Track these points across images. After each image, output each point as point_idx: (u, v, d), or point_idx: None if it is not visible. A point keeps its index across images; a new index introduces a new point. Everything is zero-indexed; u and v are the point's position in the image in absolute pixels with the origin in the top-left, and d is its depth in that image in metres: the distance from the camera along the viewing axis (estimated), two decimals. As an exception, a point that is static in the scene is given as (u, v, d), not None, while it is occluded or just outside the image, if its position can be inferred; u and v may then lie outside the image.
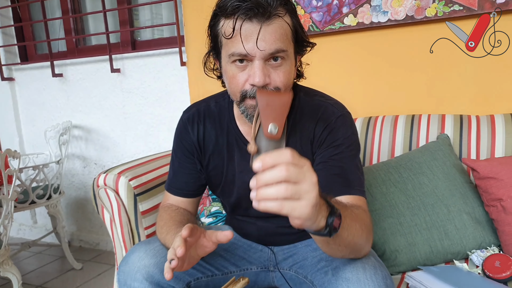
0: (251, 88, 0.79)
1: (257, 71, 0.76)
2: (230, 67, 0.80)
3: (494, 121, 1.29)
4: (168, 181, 1.03)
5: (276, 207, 0.50)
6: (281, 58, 0.78)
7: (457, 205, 1.14)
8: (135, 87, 2.11)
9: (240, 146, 0.94)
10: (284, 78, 0.79)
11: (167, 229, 0.90)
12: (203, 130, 0.97)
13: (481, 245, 1.11)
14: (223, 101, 0.98)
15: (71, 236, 2.50)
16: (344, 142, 0.86)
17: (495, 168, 1.08)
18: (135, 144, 2.18)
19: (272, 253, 1.01)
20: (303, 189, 0.50)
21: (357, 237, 0.69)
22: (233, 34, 0.75)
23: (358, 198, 0.82)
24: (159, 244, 0.91)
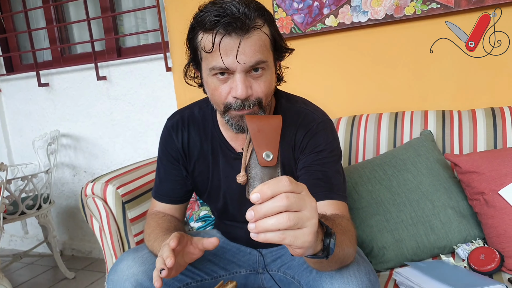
0: (235, 101, 0.79)
1: (239, 84, 0.76)
2: (211, 79, 0.80)
3: (475, 116, 1.31)
4: (154, 188, 1.03)
5: (278, 238, 0.48)
6: (262, 69, 0.78)
7: (442, 200, 1.16)
8: (122, 93, 2.10)
9: (224, 152, 0.95)
10: (265, 88, 0.80)
11: (154, 237, 0.90)
12: (188, 136, 0.97)
13: (467, 238, 1.13)
14: (206, 108, 0.98)
15: (63, 245, 2.48)
16: (326, 147, 0.87)
17: (476, 162, 1.10)
18: (124, 150, 2.18)
19: (261, 256, 1.02)
20: (305, 216, 0.49)
21: (346, 250, 0.69)
22: (213, 49, 0.75)
23: (340, 204, 0.83)
24: (147, 251, 0.91)
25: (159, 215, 0.99)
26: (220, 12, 0.73)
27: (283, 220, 0.47)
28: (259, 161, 0.54)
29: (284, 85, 0.95)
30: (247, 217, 0.48)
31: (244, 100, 0.78)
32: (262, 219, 0.48)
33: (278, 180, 0.48)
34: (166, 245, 0.74)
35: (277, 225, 0.47)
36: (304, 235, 0.49)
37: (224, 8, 0.74)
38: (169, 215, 1.00)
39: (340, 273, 0.74)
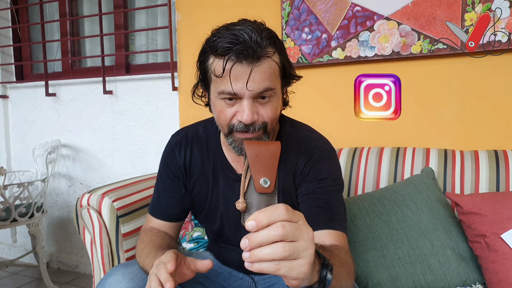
0: (239, 123, 0.79)
1: (246, 110, 0.77)
2: (218, 102, 0.80)
3: (478, 157, 1.31)
4: (151, 204, 1.02)
5: (272, 269, 0.47)
6: (269, 96, 0.79)
7: (441, 240, 1.13)
8: (126, 109, 2.12)
9: (225, 173, 0.94)
10: (271, 114, 0.80)
11: (146, 252, 0.88)
12: (190, 154, 0.97)
13: (466, 282, 1.10)
14: (211, 128, 0.98)
15: (50, 257, 2.43)
16: (328, 175, 0.86)
17: (478, 204, 1.08)
18: (122, 165, 2.17)
19: (253, 282, 1.00)
20: (301, 246, 0.47)
21: (343, 283, 0.67)
22: (223, 74, 0.76)
23: (340, 234, 0.82)
24: (138, 267, 0.89)
25: (153, 231, 0.97)
26: (233, 39, 0.74)
27: (278, 250, 0.46)
28: (255, 187, 0.53)
29: (288, 111, 0.95)
30: (241, 246, 0.47)
31: (249, 124, 0.78)
32: (257, 248, 0.46)
33: (274, 208, 0.47)
34: (162, 266, 0.72)
35: (272, 255, 0.46)
36: (299, 266, 0.48)
37: (236, 35, 0.74)
38: (163, 232, 0.98)
39: None
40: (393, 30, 1.44)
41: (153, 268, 0.73)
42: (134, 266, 0.89)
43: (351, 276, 0.72)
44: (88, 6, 2.27)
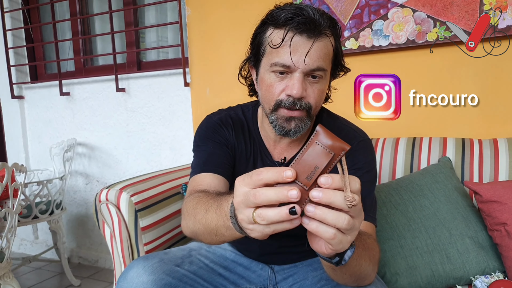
0: (287, 98, 0.80)
1: (296, 83, 0.78)
2: (269, 75, 0.81)
3: (497, 145, 1.29)
4: (199, 165, 0.90)
5: (328, 235, 0.47)
6: (319, 77, 0.80)
7: (459, 229, 1.12)
8: (139, 106, 2.13)
9: (263, 158, 0.94)
10: (317, 96, 0.81)
11: (205, 206, 0.69)
12: (234, 135, 0.95)
13: (485, 270, 1.09)
14: (247, 112, 0.98)
15: (70, 253, 2.48)
16: (364, 166, 0.86)
17: (498, 192, 1.07)
18: (137, 162, 2.19)
19: (273, 272, 1.00)
20: (356, 226, 0.48)
21: (364, 267, 0.67)
22: (281, 44, 0.77)
23: (369, 225, 0.82)
24: (158, 260, 0.89)
25: (204, 193, 0.78)
26: (296, 11, 0.76)
27: (343, 220, 0.46)
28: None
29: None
30: (313, 195, 0.45)
31: (297, 99, 0.79)
32: (321, 208, 0.46)
33: (353, 178, 0.48)
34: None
35: (335, 221, 0.46)
36: (346, 242, 0.49)
37: (300, 8, 0.77)
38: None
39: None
40: (408, 18, 1.42)
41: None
42: (154, 259, 0.89)
43: (373, 262, 0.71)
44: (98, 4, 2.29)
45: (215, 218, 0.62)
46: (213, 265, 0.97)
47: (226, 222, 0.58)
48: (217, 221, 0.61)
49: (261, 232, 0.49)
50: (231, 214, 0.55)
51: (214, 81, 1.87)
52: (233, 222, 0.55)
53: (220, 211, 0.61)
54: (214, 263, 0.98)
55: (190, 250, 0.98)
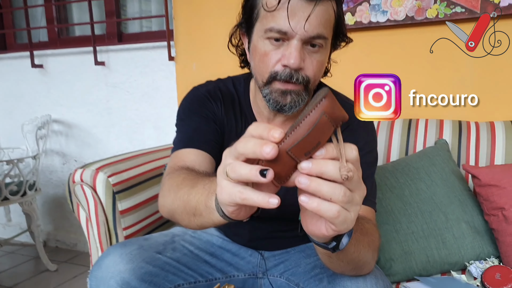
0: (283, 70, 0.72)
1: (294, 52, 0.70)
2: (263, 43, 0.73)
3: (494, 128, 1.25)
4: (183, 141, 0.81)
5: (331, 213, 0.40)
6: (319, 46, 0.72)
7: (456, 213, 1.09)
8: (120, 81, 2.02)
9: None
10: (316, 68, 0.74)
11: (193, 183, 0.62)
12: (224, 110, 0.86)
13: (480, 255, 1.06)
14: (239, 86, 0.89)
15: (47, 236, 2.38)
16: (364, 147, 0.79)
17: (497, 176, 1.03)
18: (118, 141, 2.09)
19: (262, 259, 0.94)
20: (355, 200, 0.42)
21: (363, 254, 0.62)
22: (278, 7, 0.69)
23: (369, 210, 0.77)
24: (137, 247, 0.82)
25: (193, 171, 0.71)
26: None
27: (338, 192, 0.40)
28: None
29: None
30: (302, 167, 0.40)
31: (294, 70, 0.71)
32: (316, 180, 0.40)
33: (349, 146, 0.41)
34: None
35: (331, 194, 0.40)
36: (351, 221, 0.43)
37: None
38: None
39: (356, 285, 0.67)
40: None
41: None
42: (132, 245, 0.83)
43: (372, 248, 0.66)
44: (76, -30, 2.13)
45: (200, 192, 0.56)
46: (199, 252, 0.90)
47: (208, 199, 0.53)
48: (200, 196, 0.56)
49: (229, 190, 0.42)
50: None
51: (201, 55, 1.78)
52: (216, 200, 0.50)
53: (210, 185, 0.55)
54: (199, 250, 0.91)
55: (173, 236, 0.92)
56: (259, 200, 0.40)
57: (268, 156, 0.39)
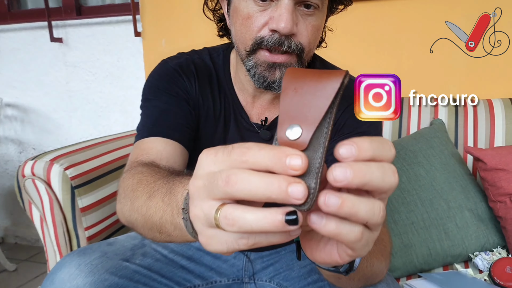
0: (270, 35, 0.59)
1: (285, 13, 0.57)
2: (245, 3, 0.60)
3: (492, 107, 1.16)
4: (148, 126, 0.69)
5: (354, 236, 0.28)
6: (315, 7, 0.60)
7: (458, 200, 0.99)
8: (81, 60, 1.81)
9: (237, 118, 0.73)
10: (311, 34, 0.61)
11: (149, 190, 0.48)
12: (198, 87, 0.72)
13: (484, 246, 0.98)
14: (217, 59, 0.75)
15: (4, 232, 2.17)
16: (369, 130, 0.68)
17: (505, 158, 0.94)
18: (82, 127, 1.89)
19: (249, 261, 0.81)
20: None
21: (376, 266, 0.52)
22: None
23: None
24: (99, 255, 0.68)
25: (151, 168, 0.57)
26: None
27: (379, 210, 0.28)
28: (278, 137, 0.31)
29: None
30: (336, 177, 0.26)
31: (284, 37, 0.58)
32: (350, 198, 0.27)
33: (384, 142, 0.29)
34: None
35: (369, 214, 0.28)
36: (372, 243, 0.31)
37: None
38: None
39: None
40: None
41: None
42: (93, 253, 0.68)
43: (385, 257, 0.55)
44: None
45: (161, 209, 0.43)
46: (174, 256, 0.78)
47: (175, 217, 0.40)
48: (163, 214, 0.42)
49: (226, 244, 0.29)
50: (184, 206, 0.37)
51: (171, 29, 1.61)
52: (185, 218, 0.36)
53: (170, 198, 0.42)
54: (174, 253, 0.78)
55: (143, 238, 0.78)
56: (283, 239, 0.28)
57: (297, 172, 0.27)
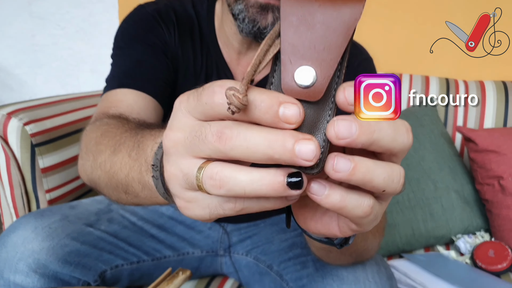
0: None
1: None
2: None
3: (484, 88, 1.13)
4: (119, 77, 0.62)
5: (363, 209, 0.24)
6: None
7: (446, 181, 0.97)
8: (49, 12, 1.67)
9: (220, 75, 0.67)
10: None
11: (114, 143, 0.42)
12: (178, 38, 0.65)
13: (468, 229, 0.96)
14: (200, 7, 0.67)
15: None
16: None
17: (497, 140, 0.91)
18: (48, 85, 1.77)
19: (225, 233, 0.76)
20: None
21: (369, 242, 0.49)
22: None
23: None
24: (59, 218, 0.63)
25: (119, 120, 0.49)
26: None
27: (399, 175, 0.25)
28: (284, 81, 0.23)
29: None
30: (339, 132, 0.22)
31: None
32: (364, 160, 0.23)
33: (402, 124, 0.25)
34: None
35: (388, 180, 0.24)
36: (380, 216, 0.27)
37: None
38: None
39: (354, 276, 0.54)
40: None
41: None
42: (53, 215, 0.63)
43: (380, 233, 0.52)
44: None
45: (128, 165, 0.37)
46: (143, 224, 0.72)
47: (143, 175, 0.34)
48: (129, 171, 0.36)
49: (208, 209, 0.24)
50: (154, 162, 0.31)
51: (149, -17, 1.48)
52: (155, 176, 0.31)
53: (138, 153, 0.35)
54: (144, 221, 0.72)
55: (109, 203, 0.72)
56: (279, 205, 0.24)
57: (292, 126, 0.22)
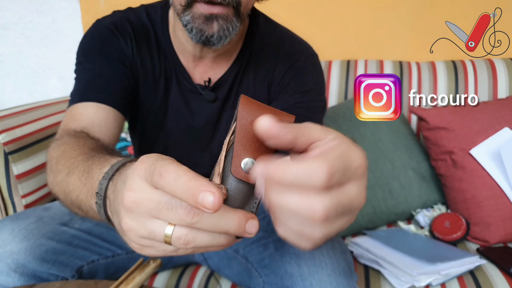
0: None
1: None
2: None
3: (435, 68, 1.20)
4: (80, 91, 0.65)
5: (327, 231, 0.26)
6: None
7: (402, 160, 1.03)
8: (12, 22, 1.66)
9: (179, 79, 0.71)
10: None
11: (69, 165, 0.45)
12: (136, 47, 0.68)
13: (426, 203, 1.03)
14: (155, 16, 0.71)
15: None
16: (313, 88, 0.69)
17: (446, 118, 0.97)
18: (16, 94, 1.75)
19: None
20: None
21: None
22: None
23: None
24: (34, 219, 0.66)
25: (78, 140, 0.53)
26: None
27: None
28: (232, 169, 0.32)
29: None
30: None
31: None
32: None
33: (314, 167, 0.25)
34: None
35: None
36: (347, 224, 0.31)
37: None
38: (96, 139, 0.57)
39: (310, 252, 0.59)
40: None
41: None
42: (28, 218, 0.66)
43: None
44: None
45: (78, 188, 0.41)
46: None
47: (89, 199, 0.39)
48: (79, 193, 0.41)
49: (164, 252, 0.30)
50: (98, 190, 0.35)
51: (111, -13, 1.50)
52: (98, 203, 0.36)
53: (86, 179, 0.40)
54: None
55: None
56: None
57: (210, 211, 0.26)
